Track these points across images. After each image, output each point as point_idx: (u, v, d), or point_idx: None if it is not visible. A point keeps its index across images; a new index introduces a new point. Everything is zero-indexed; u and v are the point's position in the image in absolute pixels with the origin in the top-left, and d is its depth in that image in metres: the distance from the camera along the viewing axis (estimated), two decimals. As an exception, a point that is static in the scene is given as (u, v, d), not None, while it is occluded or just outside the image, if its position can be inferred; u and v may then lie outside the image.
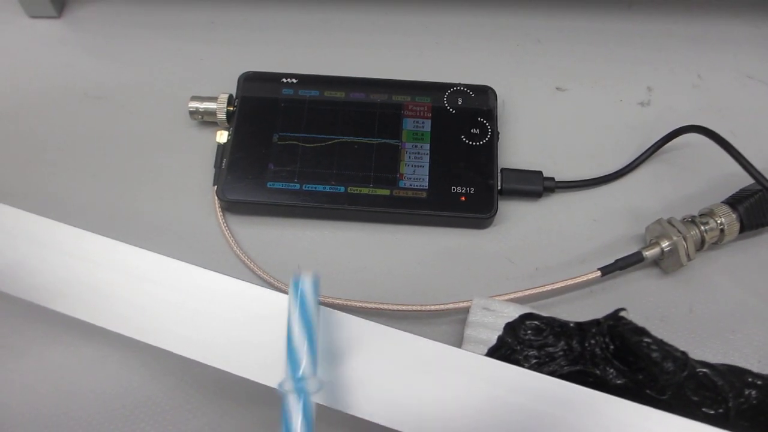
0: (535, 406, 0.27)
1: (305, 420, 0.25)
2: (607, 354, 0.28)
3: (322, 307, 0.29)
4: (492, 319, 0.33)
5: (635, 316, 0.32)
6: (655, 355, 0.27)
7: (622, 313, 0.28)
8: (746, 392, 0.28)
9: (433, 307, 0.36)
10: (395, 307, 0.36)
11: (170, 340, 0.30)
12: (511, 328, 0.29)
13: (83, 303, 0.31)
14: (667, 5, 0.48)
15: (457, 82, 0.43)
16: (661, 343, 0.27)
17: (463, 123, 0.41)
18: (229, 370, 0.30)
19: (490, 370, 0.28)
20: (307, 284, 0.27)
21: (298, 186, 0.39)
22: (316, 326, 0.27)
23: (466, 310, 0.36)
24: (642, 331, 0.27)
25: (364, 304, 0.36)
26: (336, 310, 0.30)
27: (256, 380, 0.29)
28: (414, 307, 0.36)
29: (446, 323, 0.37)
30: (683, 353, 0.28)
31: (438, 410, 0.28)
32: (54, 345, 0.36)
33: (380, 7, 0.48)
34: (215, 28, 0.47)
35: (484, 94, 0.42)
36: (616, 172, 0.42)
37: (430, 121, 0.41)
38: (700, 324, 0.38)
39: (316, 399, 0.27)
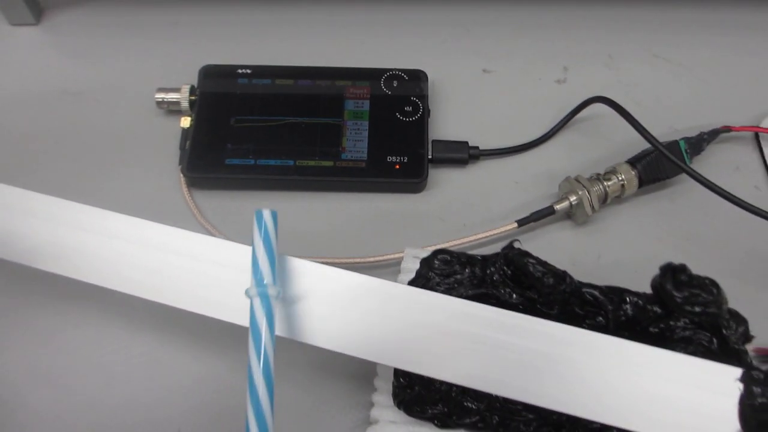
0: (448, 323, 0.32)
1: (268, 318, 0.30)
2: (505, 278, 0.34)
3: (285, 255, 0.34)
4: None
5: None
6: (537, 271, 0.32)
7: (516, 244, 0.34)
8: (624, 307, 0.34)
9: (371, 259, 0.42)
10: (340, 260, 0.42)
11: (144, 289, 0.35)
12: (425, 261, 0.35)
13: (80, 266, 0.35)
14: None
15: (393, 67, 0.48)
16: (544, 264, 0.33)
17: (398, 102, 0.47)
18: (196, 311, 0.34)
19: (410, 295, 0.33)
20: (267, 215, 0.32)
21: (253, 161, 0.45)
22: (276, 247, 0.32)
23: (401, 260, 0.41)
24: (527, 254, 0.33)
25: (313, 259, 0.42)
26: (295, 257, 0.34)
27: (220, 318, 0.34)
28: (356, 260, 0.42)
29: (385, 274, 0.43)
30: (564, 271, 0.33)
31: (376, 334, 0.33)
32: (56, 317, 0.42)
33: (324, 4, 0.53)
34: (178, 27, 0.52)
35: (417, 77, 0.48)
36: (535, 140, 0.47)
37: (368, 101, 0.47)
38: (607, 267, 0.43)
39: (280, 331, 0.33)
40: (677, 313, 0.32)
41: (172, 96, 0.47)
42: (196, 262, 0.35)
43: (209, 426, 0.39)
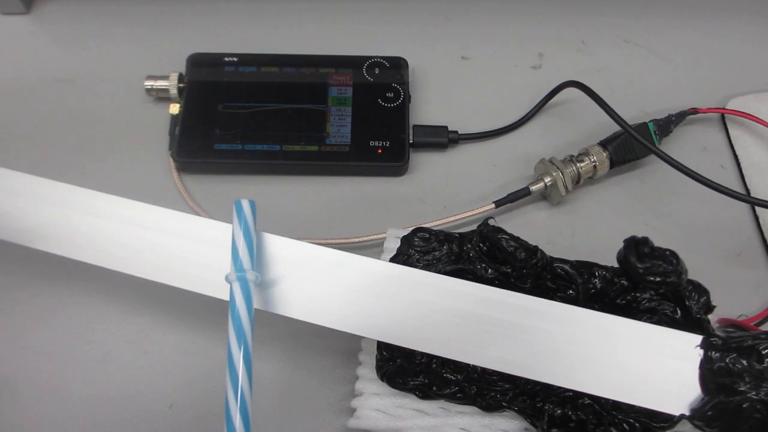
0: (428, 298, 0.34)
1: (246, 301, 0.32)
2: (480, 254, 0.36)
3: (269, 234, 0.36)
4: (402, 243, 0.40)
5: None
6: (510, 246, 0.34)
7: (490, 221, 0.36)
8: (593, 280, 0.36)
9: (355, 239, 0.44)
10: (325, 241, 0.43)
11: (132, 266, 0.36)
12: (405, 239, 0.37)
13: (71, 245, 0.37)
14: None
15: (374, 55, 0.50)
16: (516, 239, 0.35)
17: (380, 89, 0.49)
18: (184, 287, 0.36)
19: (391, 271, 0.35)
20: (246, 205, 0.34)
21: (240, 146, 0.46)
22: (254, 235, 0.34)
23: (384, 241, 0.43)
24: (500, 230, 0.35)
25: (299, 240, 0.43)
26: (276, 235, 0.36)
27: (207, 294, 0.35)
28: (341, 240, 0.44)
29: (369, 254, 0.43)
30: (535, 246, 0.35)
31: (358, 308, 0.34)
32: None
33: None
34: (165, 16, 0.54)
35: (398, 64, 0.50)
36: (512, 124, 0.49)
37: (351, 88, 0.48)
38: (581, 244, 0.45)
39: (258, 304, 0.34)
40: (641, 284, 0.34)
41: (160, 83, 0.48)
42: (181, 240, 0.36)
43: (200, 401, 0.40)
